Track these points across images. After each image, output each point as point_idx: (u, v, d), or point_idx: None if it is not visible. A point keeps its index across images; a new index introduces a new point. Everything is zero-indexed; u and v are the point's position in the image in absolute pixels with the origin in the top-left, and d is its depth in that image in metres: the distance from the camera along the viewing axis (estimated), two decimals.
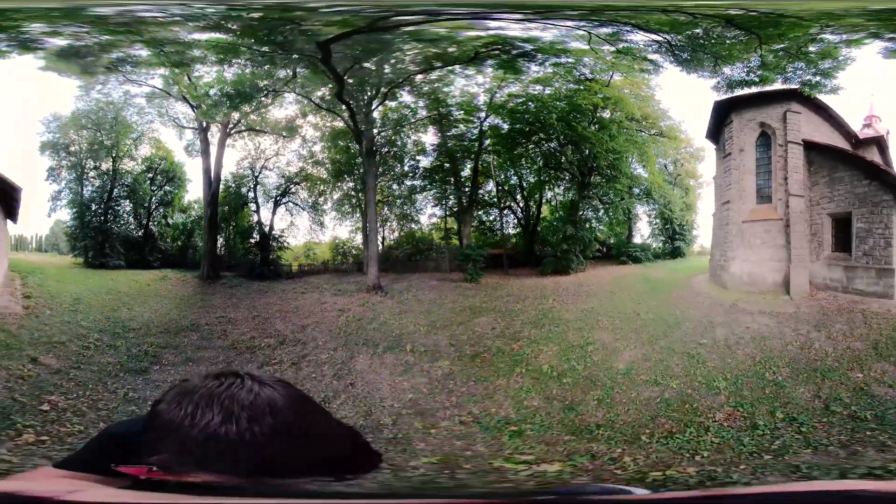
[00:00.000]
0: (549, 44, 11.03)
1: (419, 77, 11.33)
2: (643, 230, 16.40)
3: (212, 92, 11.95)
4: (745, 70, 10.55)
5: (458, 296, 12.22)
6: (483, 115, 13.05)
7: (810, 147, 11.37)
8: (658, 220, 15.85)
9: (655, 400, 7.77)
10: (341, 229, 14.90)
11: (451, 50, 10.49)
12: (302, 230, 14.77)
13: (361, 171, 13.30)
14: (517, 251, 15.39)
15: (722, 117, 12.77)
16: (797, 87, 10.94)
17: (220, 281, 13.12)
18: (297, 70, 11.51)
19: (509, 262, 14.83)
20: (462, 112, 12.96)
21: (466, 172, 14.26)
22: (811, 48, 9.67)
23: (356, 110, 12.18)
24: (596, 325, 10.72)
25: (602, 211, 14.67)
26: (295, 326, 10.35)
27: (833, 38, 9.32)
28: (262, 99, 12.29)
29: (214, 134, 13.48)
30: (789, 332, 9.58)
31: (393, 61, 10.64)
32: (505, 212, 15.35)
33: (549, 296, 12.74)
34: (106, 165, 13.04)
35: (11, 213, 12.11)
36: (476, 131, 13.54)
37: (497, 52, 10.42)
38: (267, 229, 14.25)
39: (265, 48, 9.97)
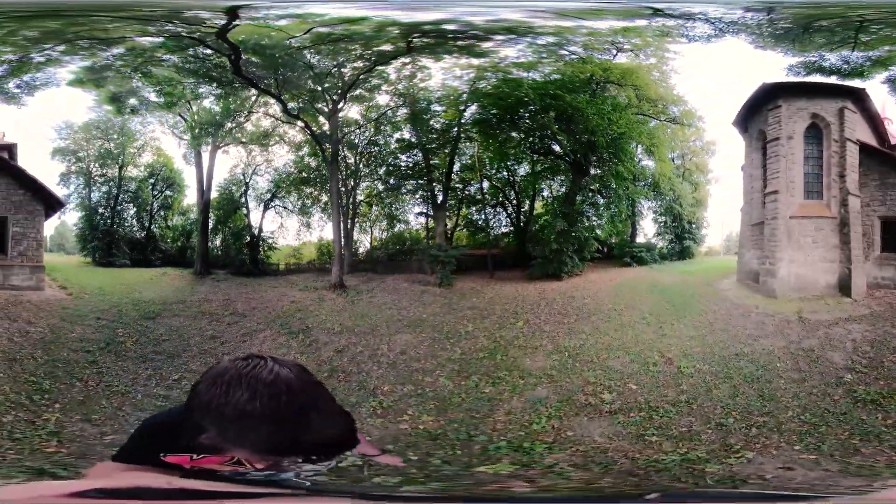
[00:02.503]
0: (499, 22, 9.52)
1: (362, 77, 10.68)
2: (647, 228, 14.40)
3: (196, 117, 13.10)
4: (843, 59, 10.04)
5: (413, 302, 11.29)
6: (449, 104, 11.80)
7: (861, 148, 11.24)
8: (666, 217, 13.57)
9: None
10: (328, 230, 14.82)
11: (385, 47, 9.51)
12: (291, 232, 15.07)
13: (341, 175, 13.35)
14: (508, 251, 13.98)
15: (762, 102, 11.80)
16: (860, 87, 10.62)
17: (210, 277, 14.19)
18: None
19: (501, 263, 13.56)
20: (427, 104, 11.86)
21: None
22: None
23: (309, 119, 12.37)
24: (583, 386, 7.62)
25: (602, 206, 12.60)
26: (248, 308, 12.37)
27: None
28: (236, 120, 13.44)
29: (210, 142, 14.16)
30: (894, 332, 9.19)
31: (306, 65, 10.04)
32: (497, 209, 13.99)
33: (523, 312, 10.61)
34: (112, 172, 14.20)
35: None
36: (447, 122, 12.36)
37: (432, 38, 9.19)
38: (256, 231, 14.73)
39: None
